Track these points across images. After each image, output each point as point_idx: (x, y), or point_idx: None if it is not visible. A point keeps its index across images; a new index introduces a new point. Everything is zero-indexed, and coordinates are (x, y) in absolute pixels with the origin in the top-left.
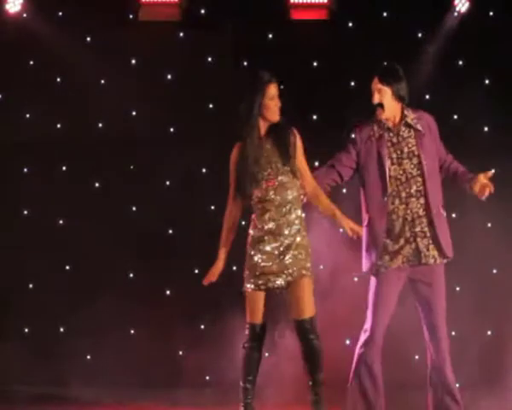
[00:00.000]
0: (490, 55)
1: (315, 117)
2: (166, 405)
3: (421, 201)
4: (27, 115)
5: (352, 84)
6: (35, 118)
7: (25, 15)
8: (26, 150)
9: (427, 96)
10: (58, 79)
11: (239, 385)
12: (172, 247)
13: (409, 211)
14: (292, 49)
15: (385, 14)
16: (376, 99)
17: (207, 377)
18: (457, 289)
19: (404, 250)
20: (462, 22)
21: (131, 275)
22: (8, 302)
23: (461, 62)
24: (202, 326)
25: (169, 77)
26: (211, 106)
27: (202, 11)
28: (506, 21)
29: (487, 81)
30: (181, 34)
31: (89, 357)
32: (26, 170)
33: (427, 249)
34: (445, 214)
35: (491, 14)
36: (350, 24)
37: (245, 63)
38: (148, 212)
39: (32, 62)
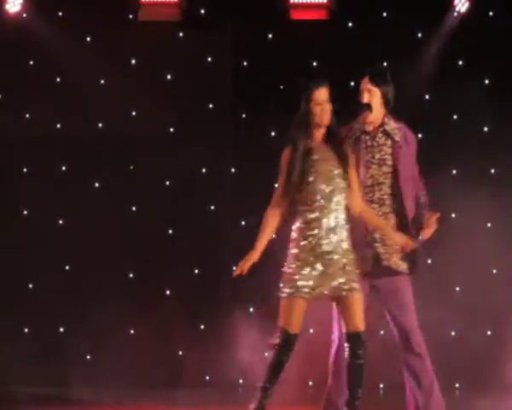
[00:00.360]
0: (490, 55)
1: None
2: (166, 405)
3: (384, 209)
4: (27, 115)
5: (352, 84)
6: (35, 118)
7: (25, 15)
8: (26, 150)
9: (427, 96)
10: (58, 79)
11: (257, 384)
12: (172, 247)
13: None
14: (292, 49)
15: (385, 14)
16: (365, 99)
17: (207, 377)
18: (457, 289)
19: (361, 254)
20: (462, 22)
21: (131, 275)
22: (8, 302)
23: (461, 62)
24: (202, 326)
25: (169, 77)
26: (211, 106)
27: (202, 11)
28: (506, 21)
29: (487, 81)
30: (181, 34)
31: (89, 357)
32: (25, 170)
33: (389, 255)
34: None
35: (490, 14)
36: (350, 24)
37: (245, 63)
38: (148, 212)
39: (31, 62)
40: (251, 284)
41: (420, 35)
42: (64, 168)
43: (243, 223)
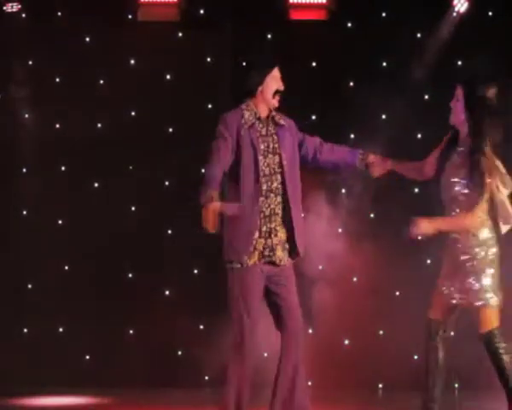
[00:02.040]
0: (489, 55)
1: (314, 117)
2: (166, 405)
3: (279, 199)
4: (27, 115)
5: (351, 84)
6: (35, 118)
7: (24, 15)
8: (26, 150)
9: (427, 97)
10: (58, 79)
11: None
12: (172, 247)
13: (267, 205)
14: (291, 49)
15: (384, 14)
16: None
17: (206, 377)
18: None
19: (259, 245)
20: (462, 22)
21: (131, 275)
22: (8, 302)
23: (460, 62)
24: (202, 326)
25: (168, 77)
26: (210, 106)
27: (201, 11)
28: (506, 21)
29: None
30: (180, 34)
31: (88, 357)
32: (25, 170)
33: (276, 249)
34: (302, 215)
35: (490, 14)
36: (349, 24)
37: (244, 63)
38: (148, 212)
39: (31, 62)
40: None
41: (419, 35)
42: (64, 168)
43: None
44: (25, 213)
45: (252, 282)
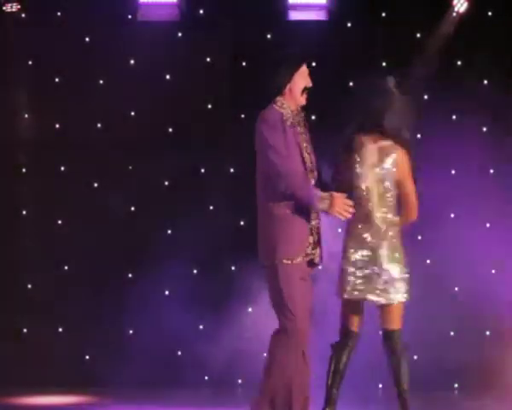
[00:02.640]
0: (489, 55)
1: (313, 117)
2: (166, 405)
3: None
4: (27, 115)
5: (351, 84)
6: (35, 118)
7: (24, 15)
8: (26, 150)
9: (427, 96)
10: (57, 79)
11: None
12: (172, 247)
13: None
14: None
15: (384, 14)
16: None
17: (206, 377)
18: (456, 289)
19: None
20: (462, 22)
21: (131, 275)
22: (8, 302)
23: (460, 62)
24: (201, 326)
25: (168, 77)
26: (210, 106)
27: (201, 11)
28: (505, 21)
29: (486, 81)
30: (180, 34)
31: (88, 357)
32: (25, 170)
33: (318, 247)
34: None
35: (490, 14)
36: (349, 24)
37: (243, 63)
38: (148, 212)
39: (31, 62)
40: (251, 283)
41: (419, 35)
42: (63, 168)
43: (242, 223)
44: (25, 213)
45: (299, 279)
